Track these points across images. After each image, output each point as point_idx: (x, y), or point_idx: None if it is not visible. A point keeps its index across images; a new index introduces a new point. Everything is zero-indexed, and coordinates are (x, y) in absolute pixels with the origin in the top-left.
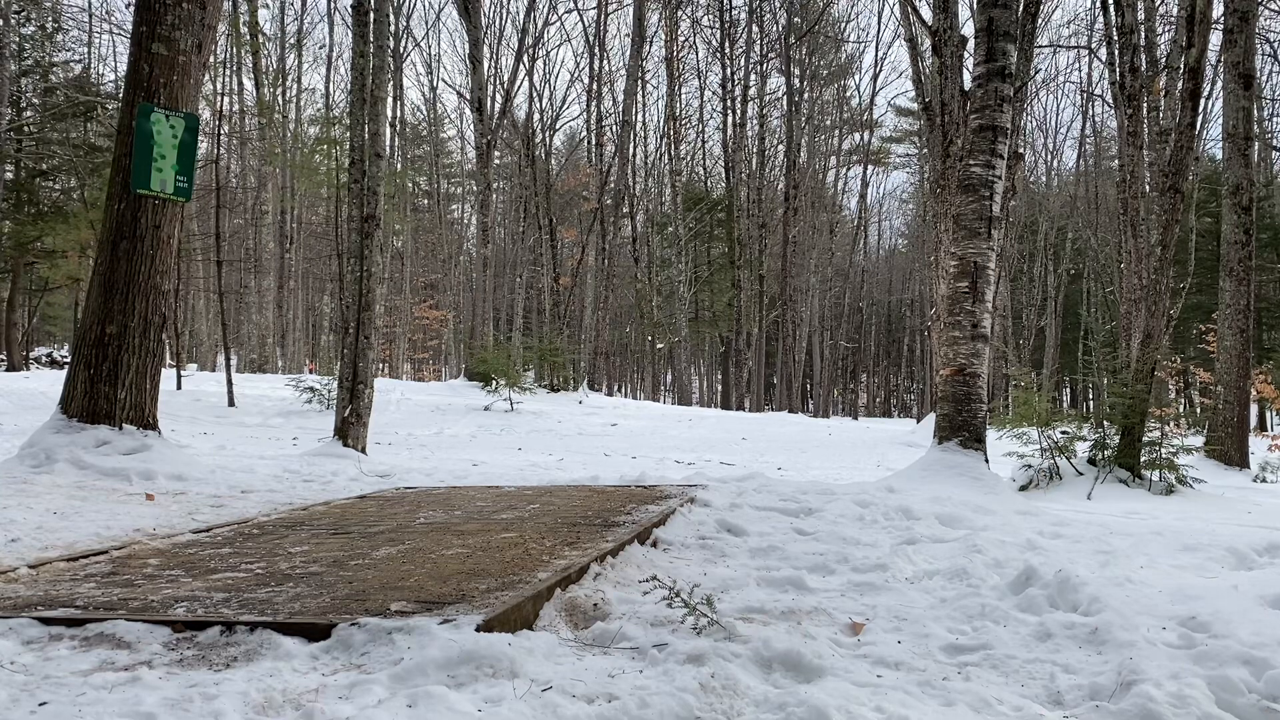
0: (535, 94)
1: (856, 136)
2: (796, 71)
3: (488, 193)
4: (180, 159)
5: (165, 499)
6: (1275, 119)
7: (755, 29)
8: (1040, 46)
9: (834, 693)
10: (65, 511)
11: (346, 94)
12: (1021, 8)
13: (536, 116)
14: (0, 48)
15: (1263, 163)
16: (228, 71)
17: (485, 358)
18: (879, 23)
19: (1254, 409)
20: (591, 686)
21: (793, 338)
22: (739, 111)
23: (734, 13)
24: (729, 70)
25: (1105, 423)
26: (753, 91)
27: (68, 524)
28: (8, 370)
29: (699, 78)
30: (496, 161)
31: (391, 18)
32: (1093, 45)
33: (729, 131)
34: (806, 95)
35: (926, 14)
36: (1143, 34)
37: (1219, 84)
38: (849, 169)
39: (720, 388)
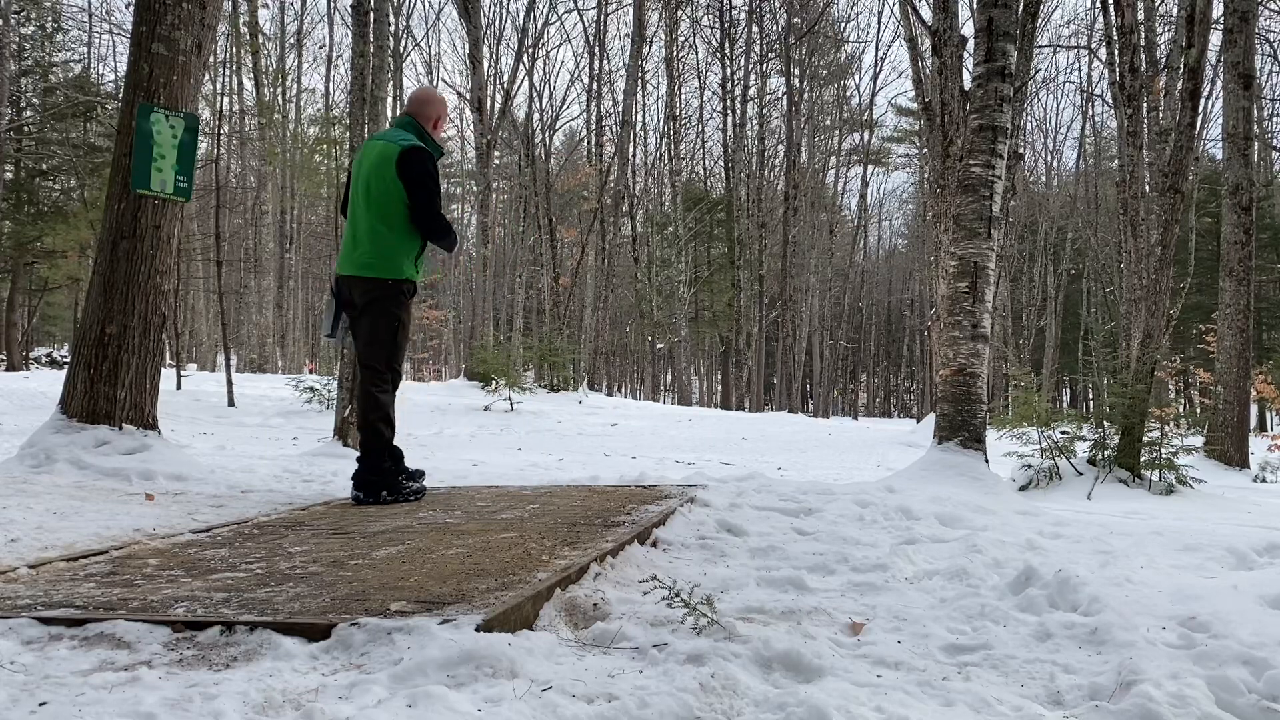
0: (535, 94)
1: (856, 136)
2: (796, 71)
3: (487, 193)
4: (180, 159)
5: (165, 499)
6: (1275, 119)
7: (755, 29)
8: (1040, 46)
9: (834, 692)
10: (65, 511)
11: (346, 94)
12: (1021, 8)
13: (536, 116)
14: (0, 48)
15: (1263, 163)
16: (228, 71)
17: (485, 358)
18: (879, 23)
19: (1254, 409)
20: (591, 686)
21: (793, 338)
22: (739, 111)
23: (734, 13)
24: (729, 70)
25: (1105, 423)
26: (753, 91)
27: (67, 524)
28: (7, 370)
29: (699, 78)
30: (496, 161)
31: (391, 18)
32: (1093, 45)
33: (729, 131)
34: (806, 95)
35: (926, 14)
36: (1143, 34)
37: (1219, 84)
38: (849, 169)
39: (720, 388)
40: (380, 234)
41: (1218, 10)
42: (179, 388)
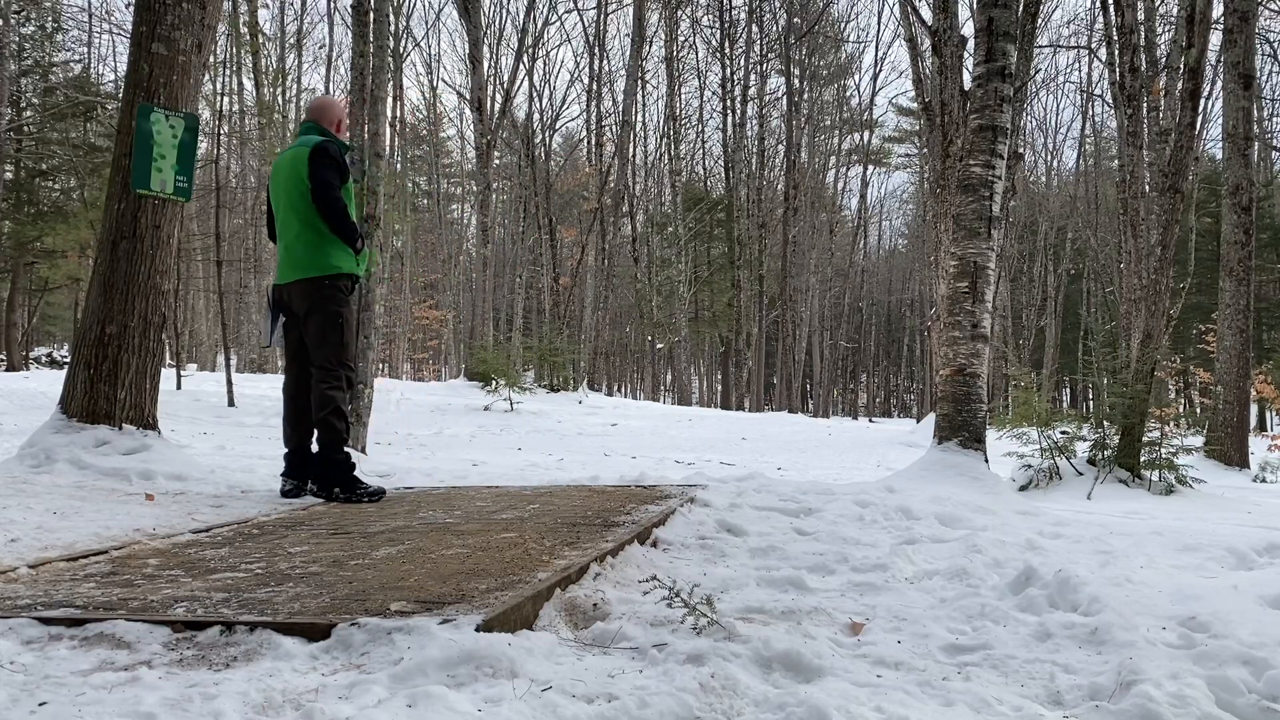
0: (535, 94)
1: (856, 136)
2: (796, 71)
3: (488, 193)
4: (180, 159)
5: (165, 499)
6: (1275, 119)
7: (755, 29)
8: (1040, 46)
9: (834, 692)
10: (65, 511)
11: (346, 94)
12: (1021, 8)
13: (536, 116)
14: (0, 48)
15: (1263, 163)
16: (228, 71)
17: (485, 358)
18: (879, 23)
19: (1254, 409)
20: (591, 686)
21: (793, 338)
22: (739, 111)
23: (734, 13)
24: (729, 70)
25: (1105, 423)
26: (753, 91)
27: (67, 524)
28: (8, 370)
29: (699, 78)
30: (496, 161)
31: (391, 18)
32: (1093, 45)
33: (729, 131)
34: (806, 95)
35: (926, 14)
36: (1143, 34)
37: (1219, 84)
38: (849, 169)
39: (720, 388)
40: (307, 236)
41: (1218, 10)
42: (179, 388)
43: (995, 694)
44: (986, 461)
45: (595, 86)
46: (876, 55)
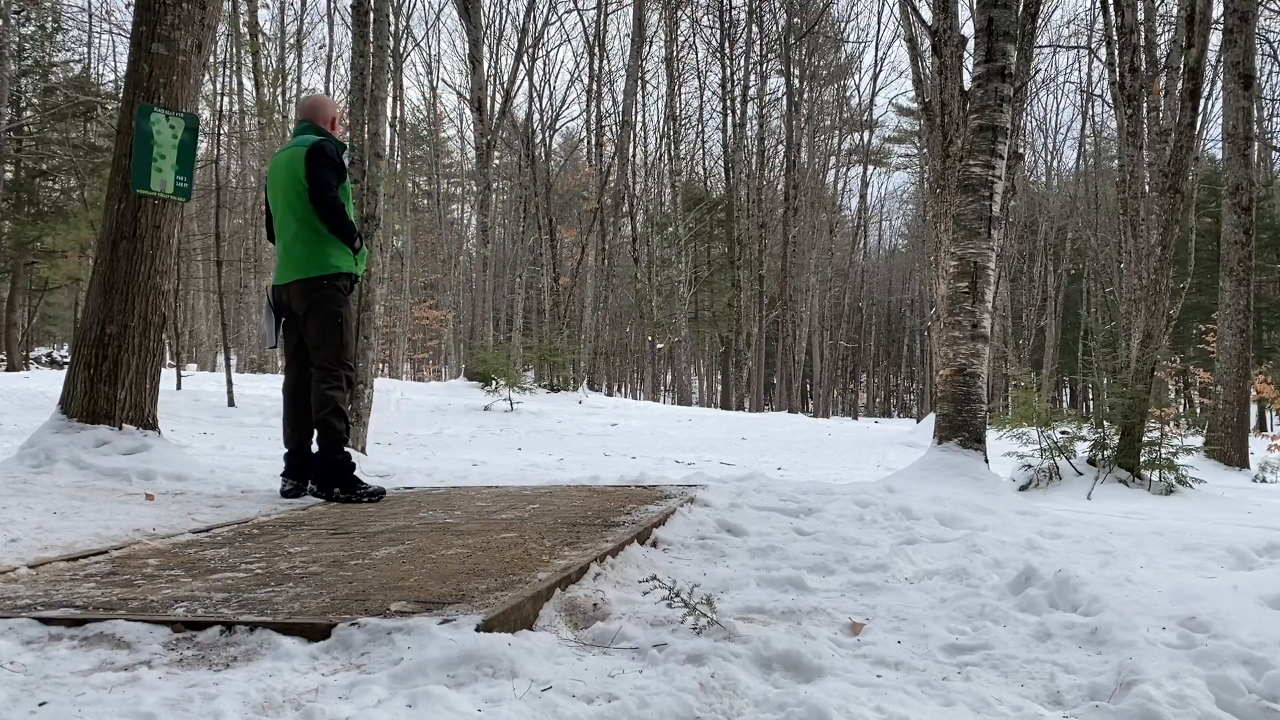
0: (535, 94)
1: (856, 136)
2: (796, 71)
3: (487, 193)
4: (180, 159)
5: (165, 499)
6: (1275, 119)
7: (755, 29)
8: (1040, 46)
9: (834, 692)
10: (65, 511)
11: (346, 94)
12: (1021, 8)
13: (536, 116)
14: (0, 48)
15: (1263, 163)
16: (228, 71)
17: (485, 358)
18: (879, 23)
19: (1254, 409)
20: (591, 686)
21: (792, 338)
22: (739, 111)
23: (734, 13)
24: (729, 70)
25: (1105, 423)
26: (752, 91)
27: (67, 524)
28: (8, 370)
29: (699, 78)
30: (496, 161)
31: (391, 18)
32: (1093, 45)
33: (729, 131)
34: (806, 95)
35: (926, 14)
36: (1143, 34)
37: (1219, 84)
38: (849, 169)
39: (720, 388)
40: (305, 235)
41: (1218, 10)
42: (179, 388)
43: (995, 694)
44: (986, 461)
45: (595, 86)
46: (876, 55)
